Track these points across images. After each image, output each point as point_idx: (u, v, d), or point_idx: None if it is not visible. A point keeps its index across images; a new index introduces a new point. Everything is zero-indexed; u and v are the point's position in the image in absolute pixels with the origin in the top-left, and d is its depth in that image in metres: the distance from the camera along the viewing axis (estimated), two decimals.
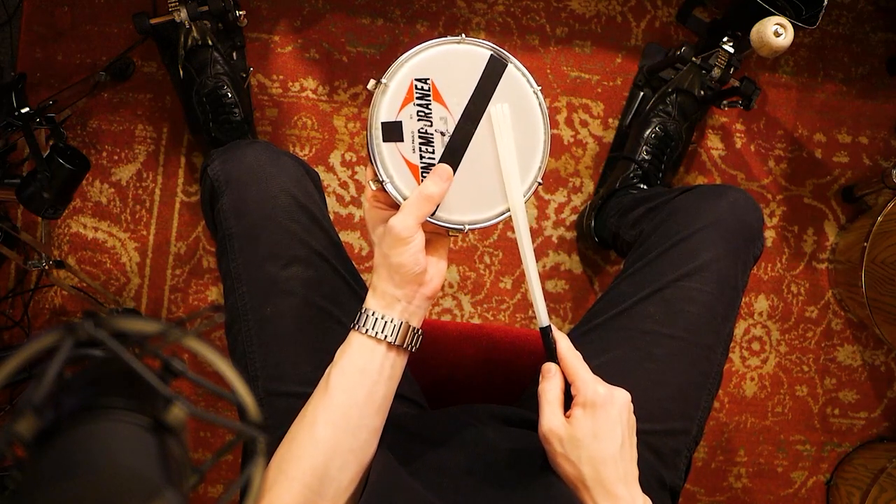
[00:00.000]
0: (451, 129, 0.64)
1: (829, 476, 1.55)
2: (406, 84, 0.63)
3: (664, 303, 0.82)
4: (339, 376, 0.65)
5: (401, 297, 0.65)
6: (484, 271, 1.45)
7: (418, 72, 0.63)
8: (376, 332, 0.64)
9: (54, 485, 0.28)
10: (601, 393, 0.63)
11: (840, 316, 1.55)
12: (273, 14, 1.42)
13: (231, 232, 0.78)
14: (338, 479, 0.63)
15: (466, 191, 0.65)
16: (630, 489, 0.62)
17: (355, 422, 0.64)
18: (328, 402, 0.64)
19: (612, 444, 0.63)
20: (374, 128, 0.62)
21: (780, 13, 1.16)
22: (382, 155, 0.63)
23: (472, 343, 0.97)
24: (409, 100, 0.63)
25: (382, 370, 0.65)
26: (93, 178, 1.38)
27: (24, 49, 1.37)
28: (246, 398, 0.34)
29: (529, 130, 0.66)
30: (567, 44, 1.48)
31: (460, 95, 0.64)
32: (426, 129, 0.63)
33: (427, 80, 0.63)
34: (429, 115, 0.63)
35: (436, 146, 0.64)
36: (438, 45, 0.64)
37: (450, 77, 0.64)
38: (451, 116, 0.64)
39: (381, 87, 0.63)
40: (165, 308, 1.40)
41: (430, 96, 0.63)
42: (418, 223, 0.62)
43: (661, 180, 1.38)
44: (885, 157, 1.56)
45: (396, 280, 0.64)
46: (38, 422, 0.30)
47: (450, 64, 0.64)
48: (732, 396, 1.52)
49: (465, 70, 0.64)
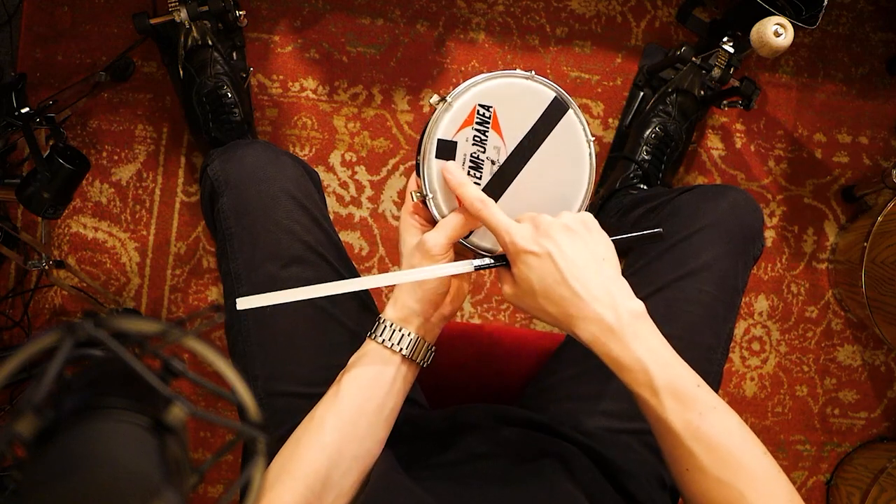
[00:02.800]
0: (503, 159, 0.65)
1: (829, 476, 1.55)
2: (469, 107, 0.64)
3: (664, 303, 0.82)
4: (351, 382, 0.65)
5: (419, 312, 0.65)
6: (484, 271, 1.45)
7: (483, 98, 0.64)
8: (392, 343, 0.65)
9: (54, 485, 0.28)
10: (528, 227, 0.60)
11: (840, 316, 1.55)
12: (273, 14, 1.42)
13: (231, 232, 0.78)
14: (339, 484, 0.63)
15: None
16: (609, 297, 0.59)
17: (362, 430, 0.65)
18: (338, 407, 0.64)
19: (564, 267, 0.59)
20: (429, 142, 0.64)
21: (780, 13, 1.16)
22: (431, 170, 0.64)
23: (472, 343, 0.97)
24: (468, 123, 0.64)
25: (394, 382, 0.66)
26: (93, 178, 1.38)
27: (24, 49, 1.37)
28: (246, 398, 0.34)
29: (574, 177, 0.68)
30: (567, 44, 1.48)
31: (517, 129, 0.65)
32: (478, 155, 0.65)
33: (490, 108, 0.65)
34: (484, 142, 0.65)
35: (484, 172, 0.65)
36: (507, 77, 0.65)
37: (511, 109, 0.65)
38: (504, 147, 0.65)
39: (444, 105, 0.64)
40: (165, 308, 1.40)
41: (490, 124, 0.65)
42: (451, 243, 0.63)
43: (661, 180, 1.38)
44: (885, 157, 1.56)
45: (418, 295, 0.65)
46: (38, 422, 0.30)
47: (514, 97, 0.65)
48: (732, 396, 1.52)
49: (528, 106, 0.66)
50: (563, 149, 0.67)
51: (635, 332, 0.58)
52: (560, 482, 0.68)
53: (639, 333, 0.58)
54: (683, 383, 0.58)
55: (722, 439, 0.57)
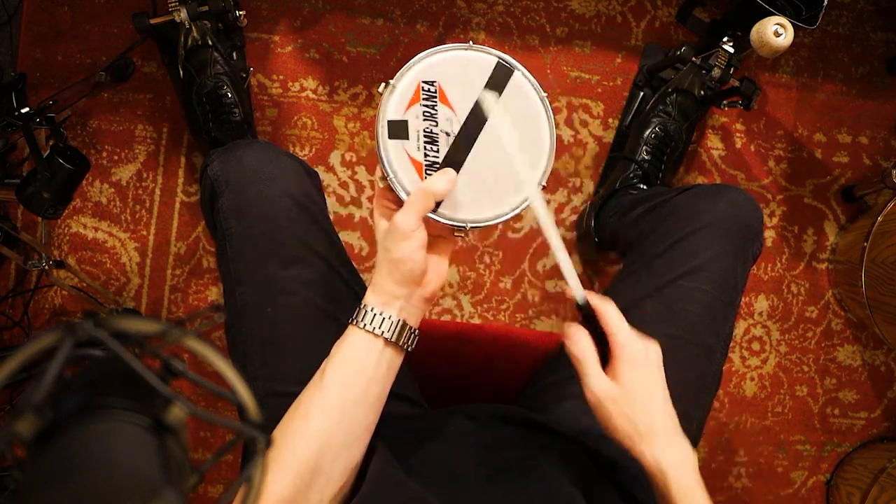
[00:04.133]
0: (457, 130, 0.65)
1: (829, 476, 1.55)
2: (413, 85, 0.65)
3: (664, 302, 0.82)
4: (335, 370, 0.65)
5: (400, 294, 0.65)
6: (484, 271, 1.45)
7: (425, 75, 0.65)
8: (374, 327, 0.65)
9: (54, 485, 0.28)
10: (642, 347, 0.65)
11: (840, 316, 1.55)
12: (273, 14, 1.42)
13: (231, 232, 0.78)
14: (328, 472, 0.64)
15: (470, 191, 0.66)
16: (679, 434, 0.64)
17: (349, 417, 0.65)
18: (323, 394, 0.64)
19: (658, 394, 0.65)
20: (380, 125, 0.64)
21: (780, 13, 1.16)
22: (388, 152, 0.64)
23: (472, 343, 0.97)
24: (415, 100, 0.65)
25: (378, 367, 0.65)
26: (93, 178, 1.38)
27: (24, 49, 1.37)
28: (246, 398, 0.34)
29: (534, 135, 0.67)
30: (567, 44, 1.48)
31: (466, 99, 0.66)
32: (431, 129, 0.65)
33: (434, 83, 0.65)
34: (434, 116, 0.65)
35: (440, 146, 0.65)
36: (446, 51, 0.66)
37: (457, 81, 0.66)
38: (456, 118, 0.66)
39: (389, 88, 0.65)
40: (165, 308, 1.40)
41: (437, 98, 0.65)
42: (419, 218, 0.62)
43: (661, 180, 1.38)
44: (885, 157, 1.56)
45: (396, 277, 0.64)
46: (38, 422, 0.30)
47: (457, 69, 0.66)
48: (732, 396, 1.52)
49: (473, 75, 0.66)
50: (517, 111, 0.67)
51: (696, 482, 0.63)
52: (559, 481, 0.68)
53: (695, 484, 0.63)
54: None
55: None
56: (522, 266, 1.46)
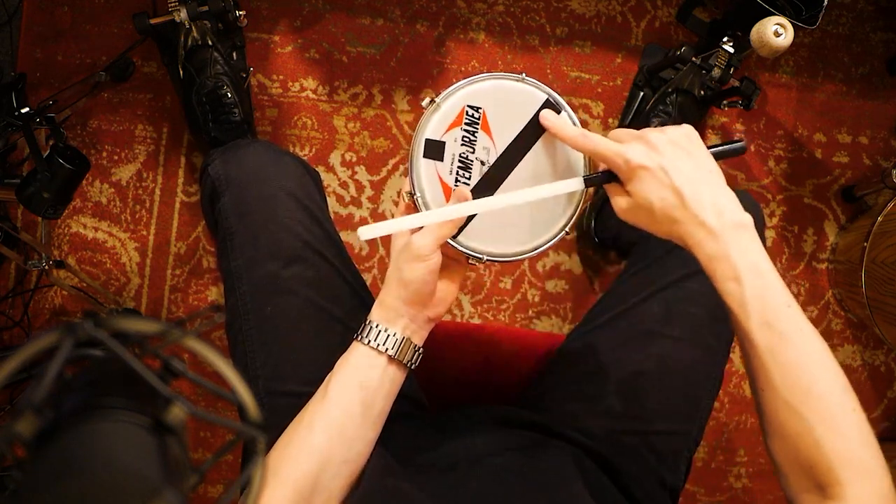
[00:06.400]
0: (492, 160, 0.65)
1: None
2: (458, 108, 0.64)
3: (665, 304, 0.82)
4: (338, 385, 0.65)
5: (404, 313, 0.65)
6: (484, 271, 1.45)
7: (472, 99, 0.64)
8: (378, 343, 0.65)
9: (54, 485, 0.28)
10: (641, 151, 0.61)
11: (840, 316, 1.54)
12: (273, 14, 1.42)
13: (232, 231, 0.78)
14: (329, 487, 0.63)
15: (494, 224, 0.65)
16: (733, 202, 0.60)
17: (351, 433, 0.65)
18: (326, 410, 0.64)
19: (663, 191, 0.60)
20: (417, 142, 0.64)
21: (780, 13, 1.16)
22: (419, 170, 0.64)
23: (472, 343, 0.97)
24: (457, 123, 0.64)
25: (382, 384, 0.66)
26: (93, 178, 1.38)
27: (24, 49, 1.37)
28: (246, 398, 0.34)
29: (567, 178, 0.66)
30: (567, 44, 1.48)
31: (508, 131, 0.65)
32: (467, 155, 0.64)
33: (479, 109, 0.64)
34: (473, 143, 0.64)
35: (473, 173, 0.65)
36: (497, 79, 0.65)
37: (502, 112, 0.65)
38: (494, 148, 0.65)
39: (433, 106, 0.64)
40: (165, 308, 1.40)
41: (479, 125, 0.64)
42: (437, 243, 0.62)
43: None
44: (885, 157, 1.56)
45: (403, 296, 0.64)
46: (38, 422, 0.30)
47: (505, 98, 0.65)
48: (732, 396, 1.52)
49: (519, 109, 0.65)
50: (556, 151, 0.66)
51: (737, 240, 0.58)
52: (561, 483, 0.68)
53: (740, 241, 0.59)
54: (773, 299, 0.57)
55: (800, 362, 0.56)
56: (522, 266, 1.46)
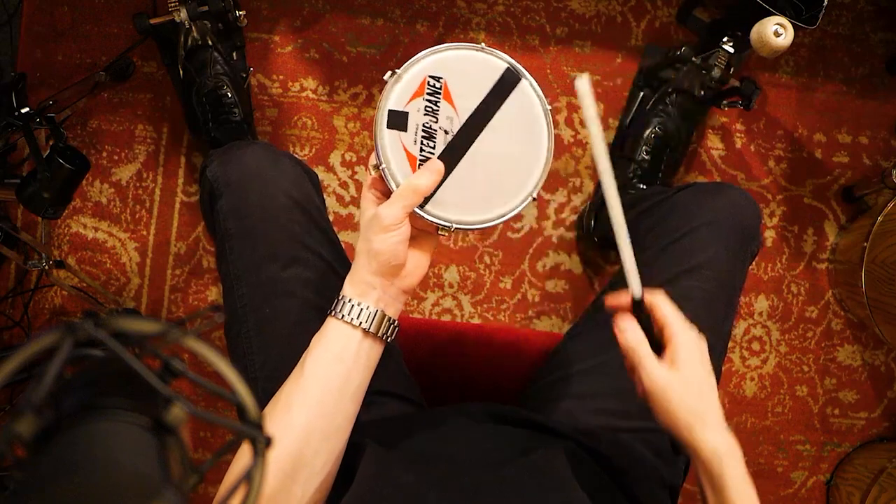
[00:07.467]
0: (456, 128, 0.65)
1: (829, 476, 1.55)
2: (419, 78, 0.65)
3: None
4: (314, 361, 0.65)
5: (376, 285, 0.65)
6: (484, 271, 1.45)
7: (433, 69, 0.65)
8: (352, 318, 0.65)
9: (54, 484, 0.28)
10: (696, 335, 0.65)
11: (840, 316, 1.55)
12: (273, 14, 1.42)
13: (230, 233, 0.78)
14: (311, 463, 0.64)
15: (462, 192, 0.66)
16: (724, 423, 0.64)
17: (330, 408, 0.65)
18: (302, 386, 0.65)
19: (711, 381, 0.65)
20: (380, 114, 0.64)
21: (780, 13, 1.16)
22: (384, 141, 0.64)
23: (472, 343, 0.97)
24: (419, 94, 0.65)
25: (358, 357, 0.65)
26: (93, 178, 1.38)
27: (24, 49, 1.37)
28: (246, 398, 0.34)
29: (530, 149, 0.67)
30: (567, 44, 1.48)
31: (470, 100, 0.65)
32: (430, 125, 0.65)
33: (440, 79, 0.65)
34: (436, 112, 0.65)
35: (437, 142, 0.65)
36: (457, 49, 0.66)
37: (463, 81, 0.65)
38: (457, 117, 0.65)
39: (394, 77, 0.65)
40: (165, 308, 1.40)
41: (441, 94, 0.65)
42: (405, 213, 0.62)
43: (660, 180, 1.38)
44: (885, 157, 1.55)
45: (374, 267, 0.64)
46: (38, 422, 0.30)
47: (466, 69, 0.65)
48: (732, 396, 1.52)
49: (480, 77, 0.66)
50: (518, 120, 0.66)
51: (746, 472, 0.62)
52: (559, 479, 0.68)
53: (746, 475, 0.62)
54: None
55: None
56: (522, 266, 1.46)
